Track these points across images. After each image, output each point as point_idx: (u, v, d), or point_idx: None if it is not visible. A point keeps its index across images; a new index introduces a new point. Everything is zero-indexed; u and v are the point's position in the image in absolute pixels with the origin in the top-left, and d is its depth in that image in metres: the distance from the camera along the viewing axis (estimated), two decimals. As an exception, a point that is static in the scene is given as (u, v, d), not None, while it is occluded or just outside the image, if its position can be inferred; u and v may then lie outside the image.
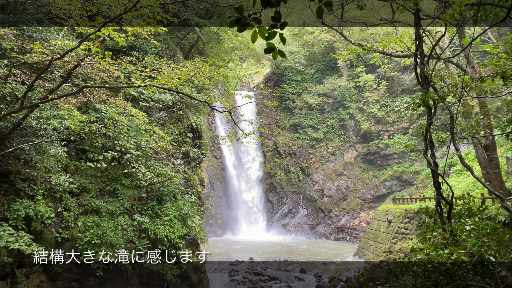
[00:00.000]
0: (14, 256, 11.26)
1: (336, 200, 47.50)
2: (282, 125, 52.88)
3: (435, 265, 6.17)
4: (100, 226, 13.31)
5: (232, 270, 24.25)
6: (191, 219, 16.77)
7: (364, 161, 48.82)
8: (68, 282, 12.34)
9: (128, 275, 13.40)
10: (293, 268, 25.24)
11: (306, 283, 21.49)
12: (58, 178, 12.64)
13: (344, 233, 43.24)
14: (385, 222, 28.97)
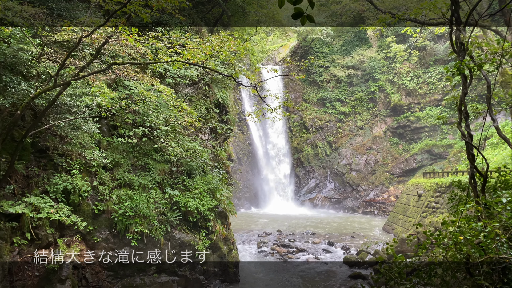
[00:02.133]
0: (55, 227, 11.99)
1: (364, 174, 47.00)
2: (308, 99, 52.13)
3: (467, 237, 6.04)
4: (133, 199, 13.85)
5: (261, 242, 24.78)
6: (220, 193, 17.13)
7: (393, 134, 47.69)
8: (106, 251, 13.03)
9: (161, 246, 13.98)
10: (320, 241, 25.49)
11: (333, 256, 21.71)
12: (92, 154, 13.16)
13: (372, 207, 42.96)
14: (415, 196, 28.49)
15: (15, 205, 9.91)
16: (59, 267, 10.91)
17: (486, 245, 6.00)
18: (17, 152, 9.34)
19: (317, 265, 19.63)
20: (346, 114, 50.26)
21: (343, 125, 50.20)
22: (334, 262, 20.21)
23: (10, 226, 10.26)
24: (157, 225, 13.87)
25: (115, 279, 13.04)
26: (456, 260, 6.41)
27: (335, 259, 20.76)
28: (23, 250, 10.92)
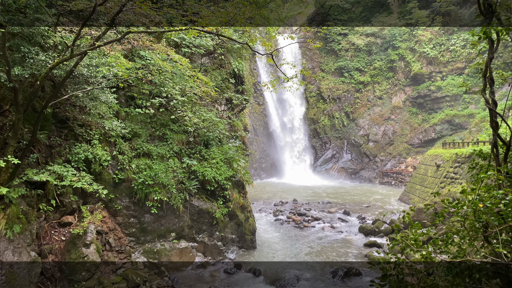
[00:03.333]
0: (78, 194, 12.42)
1: (382, 145, 46.49)
2: (326, 68, 51.07)
3: (487, 205, 5.95)
4: (152, 168, 14.13)
5: (277, 210, 25.17)
6: (236, 162, 17.29)
7: (413, 104, 46.61)
8: (127, 218, 13.50)
9: (180, 213, 14.36)
10: (336, 210, 25.71)
11: (349, 224, 21.92)
12: (111, 124, 13.37)
13: (389, 177, 42.76)
14: (433, 166, 28.13)
15: (39, 173, 10.27)
16: (84, 232, 11.39)
17: (506, 213, 5.91)
18: (39, 122, 9.56)
19: (332, 233, 19.90)
20: (364, 84, 49.18)
21: (361, 95, 49.26)
22: (349, 231, 20.44)
23: (36, 194, 10.68)
24: (176, 193, 14.20)
25: (137, 244, 13.56)
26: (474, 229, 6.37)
27: (350, 228, 20.97)
28: (49, 216, 11.42)
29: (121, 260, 12.89)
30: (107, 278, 11.72)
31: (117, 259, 12.82)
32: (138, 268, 12.83)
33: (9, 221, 8.82)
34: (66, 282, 10.80)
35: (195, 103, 16.95)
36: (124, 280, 11.90)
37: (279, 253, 16.58)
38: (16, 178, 9.52)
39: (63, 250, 11.19)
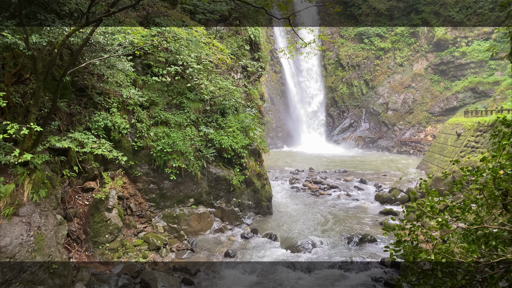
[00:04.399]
0: (99, 161, 12.78)
1: (401, 113, 45.56)
2: (345, 34, 49.52)
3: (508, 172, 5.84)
4: (170, 136, 14.34)
5: (293, 178, 25.38)
6: (253, 131, 17.34)
7: (435, 71, 45.09)
8: (147, 184, 13.89)
9: (198, 180, 14.65)
10: (352, 179, 25.73)
11: (365, 192, 21.98)
12: (128, 92, 13.49)
13: (408, 146, 42.19)
14: (453, 135, 27.53)
15: (61, 140, 10.56)
16: (106, 197, 11.81)
17: (527, 181, 5.80)
18: (58, 90, 9.72)
19: (348, 201, 20.04)
20: (385, 51, 47.64)
21: (381, 62, 47.87)
22: (365, 198, 20.52)
23: (59, 160, 11.04)
24: (194, 161, 14.44)
25: (157, 209, 14.01)
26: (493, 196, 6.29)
27: (366, 196, 21.04)
28: (72, 182, 11.85)
29: (142, 224, 13.39)
30: (129, 241, 12.25)
31: (138, 223, 13.32)
32: (158, 231, 13.33)
33: (35, 185, 9.20)
34: (91, 243, 11.35)
35: (211, 71, 16.85)
36: (145, 243, 12.42)
37: (295, 219, 16.87)
38: (39, 145, 9.83)
39: (87, 214, 11.68)
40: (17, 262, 8.33)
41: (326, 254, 12.95)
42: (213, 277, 11.23)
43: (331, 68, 50.11)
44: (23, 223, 8.70)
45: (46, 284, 8.67)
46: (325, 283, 10.93)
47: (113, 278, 9.92)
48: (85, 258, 11.03)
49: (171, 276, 10.68)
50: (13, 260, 8.28)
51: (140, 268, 10.93)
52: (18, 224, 8.60)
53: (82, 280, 9.78)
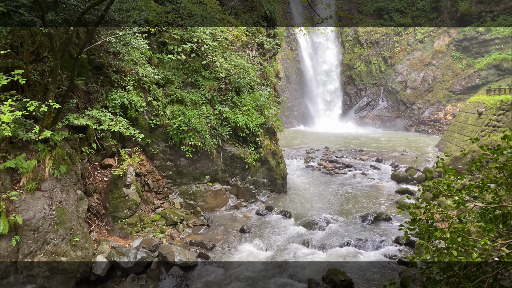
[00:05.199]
0: (117, 139, 13.01)
1: (421, 92, 44.47)
2: (364, 10, 48.03)
3: (529, 150, 5.67)
4: (186, 114, 14.42)
5: (308, 157, 25.33)
6: (268, 110, 17.26)
7: (457, 48, 43.52)
8: (163, 161, 14.10)
9: (214, 158, 14.79)
10: (368, 158, 25.52)
11: (381, 172, 21.81)
12: (144, 70, 13.54)
13: (426, 125, 41.36)
14: (474, 114, 26.79)
15: (79, 117, 10.77)
16: (124, 174, 12.07)
17: (550, 159, 5.63)
18: (75, 68, 9.83)
19: (363, 180, 19.95)
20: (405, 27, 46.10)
21: (401, 39, 46.46)
22: (381, 178, 20.38)
23: (78, 137, 11.29)
24: (209, 139, 14.53)
25: (174, 186, 14.27)
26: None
27: (382, 175, 20.89)
28: (91, 159, 12.13)
29: (160, 200, 13.70)
30: (147, 216, 12.57)
31: (156, 199, 13.63)
32: (175, 207, 13.62)
33: (55, 162, 9.47)
34: (111, 218, 11.71)
35: (226, 48, 16.69)
36: (163, 218, 12.73)
37: (309, 197, 16.95)
38: (58, 122, 10.05)
39: (106, 190, 12.00)
40: (41, 234, 8.69)
41: (340, 232, 13.03)
42: (229, 252, 11.48)
43: (349, 45, 48.95)
44: (45, 198, 9.01)
45: (69, 256, 9.04)
46: (339, 260, 11.05)
47: (132, 251, 10.26)
48: (105, 232, 11.41)
49: (188, 250, 10.97)
50: (37, 233, 8.63)
51: (158, 242, 11.26)
52: (40, 199, 8.91)
53: (102, 252, 10.16)
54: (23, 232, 8.48)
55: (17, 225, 8.39)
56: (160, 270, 10.15)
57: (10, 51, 9.30)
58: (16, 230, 8.45)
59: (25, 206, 8.61)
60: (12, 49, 9.59)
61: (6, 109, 7.49)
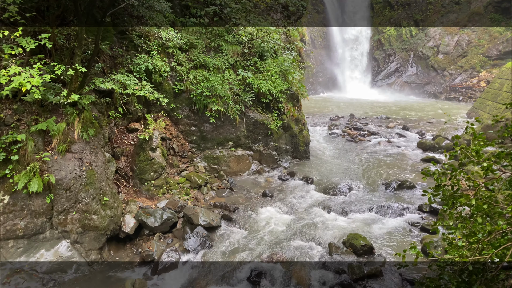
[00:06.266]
0: (142, 103, 13.22)
1: (453, 57, 42.33)
2: (396, -31, 45.31)
3: None
4: (209, 80, 14.40)
5: (332, 124, 25.02)
6: (292, 75, 16.97)
7: (496, 10, 40.67)
8: (188, 126, 14.30)
9: (237, 124, 14.85)
10: (394, 125, 24.94)
11: (407, 140, 21.33)
12: (167, 34, 13.48)
13: (457, 93, 39.69)
14: (510, 81, 25.38)
15: (105, 81, 10.95)
16: (149, 137, 12.36)
17: None
18: (100, 32, 9.89)
19: (388, 147, 19.61)
20: (440, -14, 43.29)
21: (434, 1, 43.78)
22: (407, 146, 19.96)
23: (105, 102, 11.54)
24: (232, 105, 14.54)
25: (198, 151, 14.53)
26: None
27: (408, 143, 20.45)
28: (118, 123, 12.44)
29: (184, 164, 14.03)
30: (173, 179, 12.95)
31: (181, 163, 13.96)
32: (200, 171, 13.93)
33: (84, 125, 9.77)
34: (138, 180, 12.14)
35: (250, 11, 16.29)
36: (188, 181, 13.09)
37: (332, 164, 16.90)
38: (85, 86, 10.28)
39: (132, 153, 12.37)
40: (73, 193, 9.14)
41: (362, 198, 13.03)
42: (251, 215, 11.76)
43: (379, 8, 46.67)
44: (76, 159, 9.39)
45: (99, 214, 9.52)
46: (360, 225, 11.13)
47: (158, 212, 10.69)
48: (132, 193, 11.88)
49: (212, 212, 11.31)
50: (69, 192, 9.09)
51: (183, 204, 11.65)
52: (71, 160, 9.30)
53: (130, 212, 10.63)
54: (56, 191, 8.95)
55: (51, 184, 8.85)
56: (185, 230, 10.56)
57: (36, 14, 9.43)
58: (49, 189, 8.92)
59: (57, 167, 9.02)
60: (38, 13, 9.71)
61: (35, 73, 7.70)
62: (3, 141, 8.46)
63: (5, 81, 7.40)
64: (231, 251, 9.80)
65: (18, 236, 8.66)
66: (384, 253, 9.61)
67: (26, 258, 8.67)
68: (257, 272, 8.56)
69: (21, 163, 8.67)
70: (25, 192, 8.54)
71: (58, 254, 8.97)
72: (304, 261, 9.22)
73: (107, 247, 9.92)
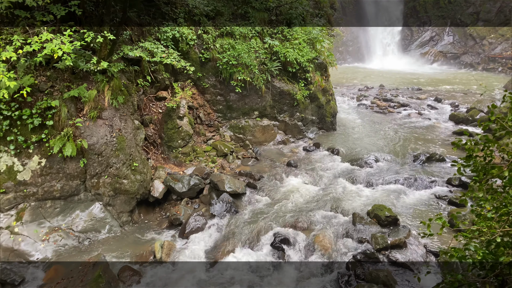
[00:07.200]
0: (170, 72, 13.33)
1: (495, 24, 39.66)
2: None
3: None
4: (235, 48, 14.25)
5: (361, 95, 24.42)
6: (320, 43, 16.53)
7: (547, -29, 37.37)
8: (214, 96, 14.36)
9: (262, 93, 14.76)
10: (426, 97, 24.04)
11: (439, 112, 20.56)
12: (194, 1, 13.33)
13: (496, 63, 37.48)
14: (557, 49, 23.65)
15: (133, 49, 11.08)
16: (177, 106, 12.53)
17: None
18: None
19: (418, 119, 19.01)
20: None
21: (477, -38, 40.70)
22: (438, 118, 19.27)
23: (133, 70, 11.72)
24: (258, 74, 14.41)
25: (224, 120, 14.64)
26: None
27: (440, 116, 19.71)
28: (146, 91, 12.65)
29: (211, 133, 14.22)
30: (199, 147, 13.20)
31: (207, 131, 14.15)
32: (226, 140, 14.10)
33: (113, 92, 10.00)
34: (166, 147, 12.45)
35: (278, -25, 15.76)
36: (214, 150, 13.31)
37: (359, 135, 16.63)
38: (114, 54, 10.44)
39: (161, 121, 12.63)
40: (104, 158, 9.52)
41: (389, 170, 12.84)
42: (275, 183, 11.90)
43: (415, -28, 43.93)
44: (106, 125, 9.70)
45: (129, 179, 9.91)
46: (385, 197, 11.04)
47: (185, 178, 10.99)
48: (161, 159, 12.23)
49: (237, 179, 11.52)
50: (100, 157, 9.47)
51: (209, 171, 11.91)
52: (102, 126, 9.62)
53: (159, 178, 10.99)
54: (88, 155, 9.34)
55: (83, 149, 9.23)
56: (211, 196, 10.86)
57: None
58: (82, 154, 9.32)
59: (89, 132, 9.37)
60: (68, -20, 9.79)
61: (66, 40, 7.87)
62: (39, 107, 8.83)
63: (38, 47, 7.63)
64: (255, 218, 10.02)
65: (55, 197, 9.18)
66: (409, 225, 9.54)
67: (63, 218, 9.22)
68: (281, 238, 8.75)
69: (55, 128, 9.06)
70: (60, 156, 8.96)
71: (92, 215, 9.48)
72: (327, 230, 9.32)
73: (137, 210, 10.37)
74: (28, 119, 8.74)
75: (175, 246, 8.94)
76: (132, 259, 8.64)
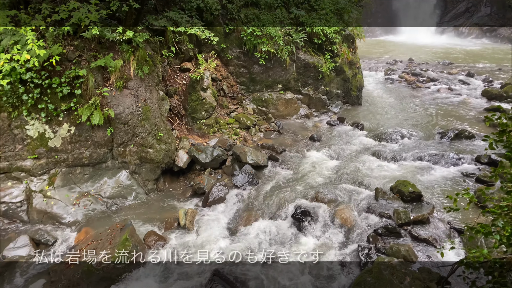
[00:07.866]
0: (194, 43, 13.26)
1: (538, -6, 36.99)
2: None
3: None
4: (260, 19, 13.98)
5: (389, 69, 23.66)
6: (348, 14, 15.96)
7: None
8: (237, 68, 14.26)
9: (287, 66, 14.53)
10: (458, 72, 23.03)
11: (470, 87, 19.70)
12: (219, -31, 13.02)
13: (537, 37, 35.23)
14: None
15: (158, 19, 11.04)
16: (201, 77, 12.53)
17: None
18: (153, -33, 9.81)
19: (449, 95, 18.31)
20: None
21: None
22: (470, 94, 18.49)
23: (158, 40, 11.71)
24: (283, 46, 14.13)
25: (247, 93, 14.58)
26: None
27: (471, 91, 18.90)
28: (171, 62, 12.68)
29: (234, 105, 14.21)
30: (223, 119, 13.25)
31: (230, 104, 14.15)
32: (248, 113, 14.08)
33: (138, 62, 10.08)
34: (190, 118, 12.58)
35: None
36: (237, 122, 13.34)
37: (385, 110, 16.24)
38: (139, 24, 10.45)
39: (185, 92, 12.70)
40: (130, 127, 9.72)
41: (415, 146, 12.54)
42: (297, 157, 11.88)
43: None
44: (132, 95, 9.85)
45: (154, 148, 10.12)
46: (410, 173, 10.84)
47: (209, 149, 11.13)
48: (185, 130, 12.39)
49: (259, 152, 11.56)
50: (127, 126, 9.67)
51: (232, 143, 12.00)
52: (128, 96, 9.77)
53: (183, 148, 11.17)
54: (115, 124, 9.55)
55: (110, 118, 9.44)
56: (234, 167, 10.98)
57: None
58: (109, 122, 9.54)
59: (115, 102, 9.55)
60: None
61: (93, 8, 7.91)
62: (67, 76, 9.02)
63: (65, 16, 7.72)
64: (276, 189, 10.10)
65: (84, 164, 9.52)
66: (433, 202, 9.38)
67: (91, 184, 9.59)
68: (302, 210, 8.81)
69: (83, 97, 9.27)
70: (88, 124, 9.21)
71: (119, 182, 9.81)
72: (348, 203, 9.31)
73: (162, 178, 10.64)
74: (58, 87, 8.96)
75: (198, 214, 9.18)
76: (157, 225, 8.96)
